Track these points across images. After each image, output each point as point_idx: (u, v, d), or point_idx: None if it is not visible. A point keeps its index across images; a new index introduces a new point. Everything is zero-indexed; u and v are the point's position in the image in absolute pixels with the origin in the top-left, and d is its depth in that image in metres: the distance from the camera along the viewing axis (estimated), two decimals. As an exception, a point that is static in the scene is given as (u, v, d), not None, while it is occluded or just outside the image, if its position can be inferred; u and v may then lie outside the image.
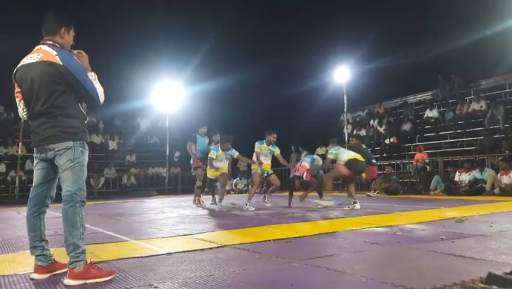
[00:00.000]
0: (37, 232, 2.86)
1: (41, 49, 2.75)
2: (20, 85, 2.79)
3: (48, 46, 2.75)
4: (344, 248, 3.55)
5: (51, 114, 2.70)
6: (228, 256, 3.33)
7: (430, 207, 6.98)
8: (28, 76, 2.71)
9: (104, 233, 4.88)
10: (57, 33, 2.82)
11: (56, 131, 2.71)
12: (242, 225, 5.31)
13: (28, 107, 2.79)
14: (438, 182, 10.71)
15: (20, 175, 14.20)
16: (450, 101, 15.49)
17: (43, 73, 2.67)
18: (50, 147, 2.72)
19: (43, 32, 2.86)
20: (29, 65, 2.72)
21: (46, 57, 2.68)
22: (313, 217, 5.94)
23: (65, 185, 2.77)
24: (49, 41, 2.79)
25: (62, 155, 2.72)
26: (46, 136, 2.72)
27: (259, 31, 21.42)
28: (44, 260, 2.83)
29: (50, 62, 2.66)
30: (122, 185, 15.97)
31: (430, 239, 3.81)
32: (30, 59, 2.73)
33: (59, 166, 2.76)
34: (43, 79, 2.67)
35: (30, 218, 2.88)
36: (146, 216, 6.96)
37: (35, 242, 2.83)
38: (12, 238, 4.72)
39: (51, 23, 2.84)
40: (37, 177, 2.89)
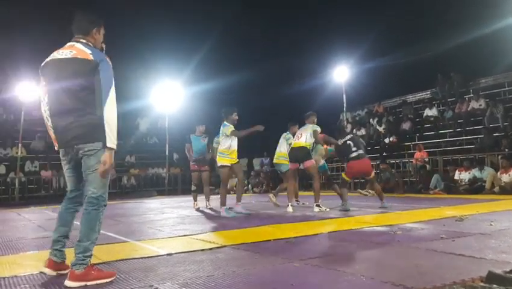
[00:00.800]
0: (66, 228, 2.86)
1: (74, 46, 2.73)
2: (48, 79, 2.72)
3: (82, 44, 2.74)
4: (344, 248, 3.55)
5: (81, 112, 2.62)
6: (228, 257, 3.33)
7: (430, 206, 6.98)
8: (58, 70, 2.66)
9: (104, 235, 4.86)
10: (89, 33, 2.83)
11: (86, 130, 2.62)
12: (242, 225, 5.31)
13: (53, 103, 2.69)
14: (437, 180, 10.71)
15: (20, 177, 14.20)
16: (449, 100, 15.50)
17: (75, 69, 2.63)
18: (80, 146, 2.64)
19: (73, 30, 2.84)
20: (61, 60, 2.68)
21: (79, 54, 2.66)
22: (313, 217, 5.94)
23: (92, 187, 2.68)
24: (82, 39, 2.79)
25: (92, 156, 2.65)
26: (75, 136, 2.63)
27: (258, 31, 21.42)
28: (60, 257, 2.84)
29: (83, 59, 2.64)
30: (122, 186, 15.98)
31: (430, 238, 3.81)
32: (62, 55, 2.69)
33: (86, 167, 2.67)
34: (74, 75, 2.62)
35: (64, 213, 2.89)
36: (146, 217, 6.97)
37: (59, 237, 2.83)
38: (12, 240, 4.71)
39: (82, 22, 2.83)
40: (70, 184, 2.87)
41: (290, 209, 6.84)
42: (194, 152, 8.00)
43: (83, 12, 2.87)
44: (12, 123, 16.61)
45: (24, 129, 14.61)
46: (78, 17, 2.84)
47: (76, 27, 2.83)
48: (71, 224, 2.90)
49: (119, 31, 18.48)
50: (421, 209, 6.61)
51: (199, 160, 8.00)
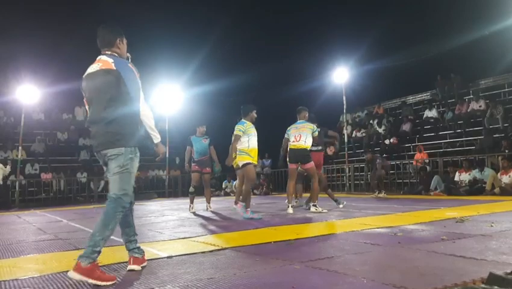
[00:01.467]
0: (131, 227, 3.07)
1: (101, 59, 2.95)
2: (85, 93, 2.97)
3: (107, 56, 2.96)
4: (345, 250, 3.55)
5: (105, 120, 2.84)
6: (229, 259, 3.32)
7: (431, 207, 6.98)
8: (89, 84, 2.91)
9: (104, 237, 4.87)
10: (114, 44, 3.03)
11: (108, 137, 2.85)
12: (242, 227, 5.31)
13: (90, 113, 2.95)
14: (438, 182, 10.70)
15: (20, 179, 14.20)
16: (449, 101, 15.51)
17: (101, 81, 2.84)
18: (103, 152, 2.89)
19: (99, 45, 3.05)
20: (91, 74, 2.91)
21: (104, 65, 2.88)
22: (313, 219, 5.93)
23: (113, 188, 2.87)
24: (108, 51, 2.99)
25: (113, 160, 2.86)
26: (100, 142, 2.89)
27: (258, 33, 21.47)
28: (140, 252, 3.05)
29: (106, 70, 2.85)
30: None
31: (431, 240, 3.81)
32: (92, 69, 2.92)
33: (108, 170, 2.91)
34: (100, 87, 2.84)
35: (124, 216, 2.99)
36: (146, 219, 6.96)
37: (131, 237, 3.04)
38: (12, 243, 4.71)
39: (106, 35, 3.03)
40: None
41: (290, 211, 6.80)
42: (195, 153, 7.85)
43: (106, 26, 3.07)
44: (12, 125, 16.64)
45: (24, 132, 14.61)
46: (101, 32, 3.04)
47: (101, 41, 3.04)
48: (133, 221, 3.13)
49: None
50: (421, 210, 6.61)
51: (201, 161, 7.84)
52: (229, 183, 15.66)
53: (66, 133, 17.65)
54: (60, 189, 15.17)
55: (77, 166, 16.20)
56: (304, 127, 7.05)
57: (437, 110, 15.35)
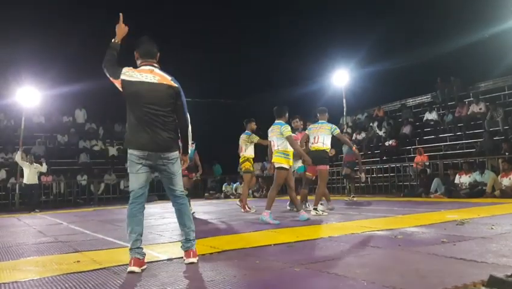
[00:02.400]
0: (141, 226, 3.20)
1: (154, 71, 3.26)
2: (132, 96, 3.19)
3: (159, 70, 3.30)
4: (345, 253, 3.54)
5: (169, 127, 3.22)
6: (229, 261, 3.32)
7: (431, 210, 6.97)
8: (146, 92, 3.17)
9: (105, 240, 4.87)
10: (155, 57, 3.36)
11: (172, 142, 3.25)
12: (242, 230, 5.31)
13: (141, 116, 3.16)
14: (438, 184, 10.69)
15: (20, 182, 14.19)
16: (449, 103, 15.51)
17: (162, 93, 3.20)
18: (166, 155, 3.21)
19: (140, 53, 3.32)
20: (148, 83, 3.19)
21: (163, 80, 3.23)
22: (314, 221, 5.92)
23: (178, 186, 3.32)
24: (155, 64, 3.32)
25: (175, 163, 3.27)
26: (164, 147, 3.19)
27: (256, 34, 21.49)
28: (141, 254, 3.13)
29: (169, 85, 3.23)
30: (122, 191, 15.96)
31: (431, 242, 3.80)
32: (147, 78, 3.20)
33: (170, 171, 3.26)
34: (163, 98, 3.20)
35: (138, 214, 3.20)
36: (147, 221, 6.93)
37: (138, 236, 3.15)
38: (12, 246, 4.71)
39: (151, 47, 3.35)
40: (142, 180, 3.22)
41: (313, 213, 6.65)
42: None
43: (150, 38, 3.37)
44: (13, 128, 16.63)
45: (24, 135, 14.62)
46: (146, 41, 3.34)
47: (146, 51, 3.32)
48: (143, 222, 3.26)
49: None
50: (422, 213, 6.60)
51: (190, 167, 7.72)
52: (229, 186, 15.66)
53: (66, 136, 17.64)
54: (60, 191, 15.16)
55: (77, 169, 16.19)
56: (322, 128, 7.00)
57: (437, 112, 15.34)
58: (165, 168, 3.24)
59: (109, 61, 3.27)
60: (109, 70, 3.25)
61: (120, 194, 15.73)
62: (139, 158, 3.18)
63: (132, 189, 3.22)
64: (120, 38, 3.36)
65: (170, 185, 3.30)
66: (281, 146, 6.03)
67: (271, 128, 6.25)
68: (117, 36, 3.35)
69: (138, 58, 3.36)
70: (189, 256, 3.25)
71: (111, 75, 3.25)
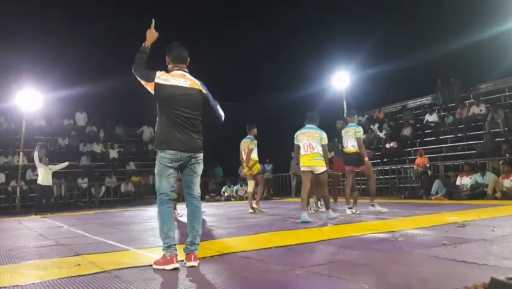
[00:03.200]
0: (174, 224, 3.38)
1: (186, 76, 3.41)
2: (166, 99, 3.31)
3: (190, 75, 3.44)
4: (346, 255, 3.54)
5: (197, 129, 3.39)
6: (230, 264, 3.32)
7: (432, 212, 6.96)
8: (179, 96, 3.30)
9: (105, 243, 4.87)
10: (186, 62, 3.50)
11: (201, 144, 3.41)
12: (243, 232, 5.31)
13: (173, 119, 3.29)
14: (439, 186, 10.68)
15: (21, 185, 14.20)
16: (449, 105, 15.51)
17: (194, 98, 3.36)
18: (196, 155, 3.37)
19: (172, 57, 3.46)
20: (181, 87, 3.33)
21: (195, 85, 3.39)
22: (314, 224, 5.92)
23: (196, 186, 3.43)
24: (186, 69, 3.47)
25: (201, 163, 3.43)
26: (195, 147, 3.35)
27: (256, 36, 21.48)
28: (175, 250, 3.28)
29: (199, 91, 3.40)
30: (123, 194, 15.97)
31: (432, 245, 3.80)
32: (179, 82, 3.34)
33: (195, 171, 3.40)
34: (194, 102, 3.35)
35: (171, 213, 3.37)
36: (147, 224, 6.95)
37: (174, 234, 3.33)
38: (13, 249, 4.71)
39: (182, 52, 3.48)
40: (172, 182, 3.36)
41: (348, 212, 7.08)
42: None
43: (182, 44, 3.50)
44: (13, 131, 16.64)
45: (25, 138, 14.63)
46: (178, 47, 3.47)
47: (177, 55, 3.46)
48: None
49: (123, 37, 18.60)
50: (422, 215, 6.59)
51: None
52: (229, 188, 15.66)
53: (67, 139, 17.65)
54: (61, 194, 15.16)
55: (78, 172, 16.19)
56: (348, 132, 7.41)
57: (438, 114, 15.34)
58: (191, 168, 3.38)
59: (139, 64, 3.36)
60: (141, 73, 3.33)
61: (120, 196, 15.74)
62: (171, 161, 3.29)
63: (163, 192, 3.33)
64: (150, 43, 3.48)
65: (191, 184, 3.41)
66: (320, 150, 6.44)
67: (306, 132, 6.51)
68: (147, 40, 3.47)
69: (169, 62, 3.48)
70: (190, 260, 3.26)
71: (143, 78, 3.32)
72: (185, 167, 3.37)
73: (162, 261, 3.21)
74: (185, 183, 3.43)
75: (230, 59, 21.10)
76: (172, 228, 3.30)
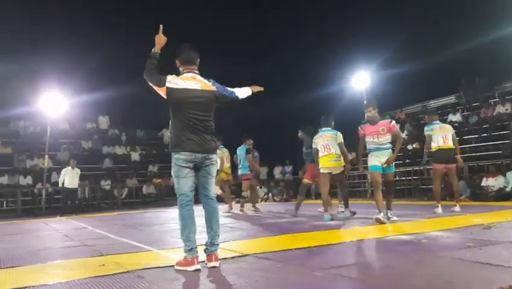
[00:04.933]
0: (196, 226, 3.41)
1: (196, 77, 3.43)
2: (178, 102, 3.33)
3: (200, 76, 3.46)
4: (367, 257, 3.51)
5: (210, 131, 3.42)
6: (250, 266, 3.33)
7: (456, 213, 6.82)
8: (190, 98, 3.32)
9: (128, 243, 4.95)
10: (196, 63, 3.51)
11: (214, 145, 3.45)
12: (263, 234, 5.31)
13: (186, 121, 3.31)
14: (463, 187, 10.46)
15: (46, 187, 14.56)
16: (473, 104, 15.17)
17: (206, 99, 3.37)
18: (210, 156, 3.39)
19: (181, 60, 3.48)
20: (191, 90, 3.35)
21: (206, 87, 3.41)
22: (334, 226, 5.88)
23: (211, 188, 3.47)
24: (196, 70, 3.48)
25: (215, 164, 3.46)
26: (208, 148, 3.37)
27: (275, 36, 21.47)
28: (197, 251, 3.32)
29: (211, 92, 3.41)
30: (144, 195, 16.19)
31: (457, 247, 3.72)
32: (190, 85, 3.36)
33: (209, 172, 3.42)
34: (205, 103, 3.37)
35: (193, 215, 3.40)
36: (168, 226, 7.03)
37: (195, 236, 3.38)
38: (40, 249, 4.83)
39: (191, 54, 3.50)
40: (190, 183, 3.40)
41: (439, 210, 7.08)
42: None
43: (191, 46, 3.53)
44: (38, 135, 17.08)
45: (50, 141, 15.01)
46: (187, 49, 3.50)
47: (186, 58, 3.48)
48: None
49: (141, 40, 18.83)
50: (446, 217, 6.47)
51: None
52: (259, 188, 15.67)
53: (90, 142, 18.03)
54: (85, 196, 15.47)
55: (101, 174, 16.52)
56: (445, 129, 7.76)
57: (461, 114, 15.03)
58: (206, 169, 3.40)
59: (150, 69, 3.41)
60: (153, 78, 3.38)
61: (142, 198, 15.97)
62: (186, 162, 3.32)
63: (182, 193, 3.36)
64: (159, 48, 3.52)
65: (206, 185, 3.44)
66: (338, 150, 6.65)
67: (323, 134, 6.82)
68: (156, 45, 3.50)
69: (179, 65, 3.52)
70: (211, 260, 3.29)
71: (155, 83, 3.37)
72: (200, 169, 3.40)
73: (184, 262, 3.25)
74: (200, 185, 3.46)
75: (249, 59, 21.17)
76: (193, 231, 3.33)
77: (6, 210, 13.83)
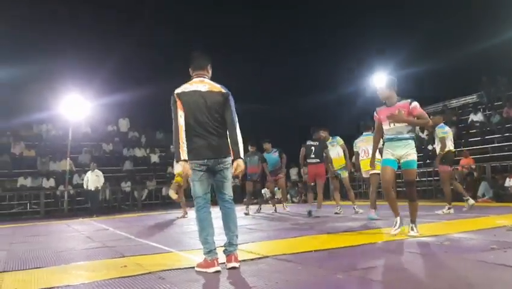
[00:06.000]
0: (213, 228, 3.43)
1: (204, 80, 3.46)
2: (187, 105, 3.34)
3: (208, 79, 3.51)
4: (389, 259, 3.47)
5: (221, 133, 3.39)
6: (271, 268, 3.33)
7: (479, 215, 6.69)
8: (197, 101, 3.34)
9: (149, 245, 5.01)
10: (205, 68, 3.55)
11: (226, 148, 3.41)
12: (282, 236, 5.30)
13: (196, 125, 3.33)
14: (486, 188, 10.24)
15: (68, 189, 14.86)
16: (496, 104, 14.84)
17: (214, 100, 3.36)
18: (223, 160, 3.38)
19: (192, 67, 3.54)
20: (199, 92, 3.37)
21: (213, 88, 3.42)
22: (354, 227, 5.83)
23: (227, 191, 3.45)
24: (206, 75, 3.52)
25: (229, 168, 3.43)
26: (221, 151, 3.37)
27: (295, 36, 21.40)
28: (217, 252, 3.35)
29: (218, 92, 3.41)
30: (164, 197, 16.35)
31: (480, 249, 3.66)
32: (197, 88, 3.39)
33: (223, 176, 3.41)
34: (213, 105, 3.35)
35: (209, 217, 3.40)
36: (187, 227, 7.09)
37: (213, 238, 3.38)
38: (63, 251, 4.94)
39: (201, 60, 3.56)
40: (205, 185, 3.42)
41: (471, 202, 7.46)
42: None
43: (202, 52, 3.60)
44: (60, 138, 17.45)
45: (71, 144, 15.31)
46: (196, 56, 3.56)
47: (197, 64, 3.53)
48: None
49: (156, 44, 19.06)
50: (469, 218, 6.35)
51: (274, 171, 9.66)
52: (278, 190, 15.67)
53: (111, 145, 18.33)
54: (106, 198, 15.73)
55: (121, 176, 16.76)
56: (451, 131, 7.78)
57: (483, 113, 14.72)
58: (221, 173, 3.41)
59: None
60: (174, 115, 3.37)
61: (161, 199, 16.13)
62: (200, 165, 3.35)
63: (198, 196, 3.39)
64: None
65: (222, 189, 3.44)
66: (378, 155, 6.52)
67: (364, 138, 7.23)
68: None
69: (191, 72, 3.57)
70: (231, 261, 3.32)
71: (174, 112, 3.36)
72: (215, 173, 3.41)
73: (204, 263, 3.28)
74: (216, 189, 3.47)
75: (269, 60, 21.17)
76: (210, 233, 3.35)
77: (30, 212, 14.16)
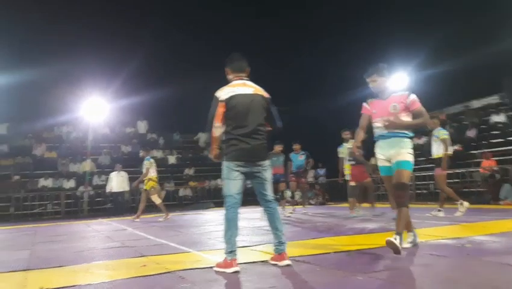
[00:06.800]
0: (238, 229, 3.42)
1: (246, 84, 3.53)
2: (233, 108, 3.38)
3: (250, 82, 3.56)
4: (409, 262, 3.42)
5: (262, 136, 3.45)
6: (289, 269, 3.31)
7: (501, 217, 6.55)
8: (241, 103, 3.39)
9: (167, 245, 5.05)
10: (245, 71, 3.62)
11: (265, 152, 3.49)
12: (300, 237, 5.28)
13: (239, 127, 3.37)
14: (508, 190, 10.02)
15: (88, 190, 15.09)
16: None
17: (259, 103, 3.46)
18: (261, 163, 3.43)
19: (231, 69, 3.60)
20: (245, 95, 3.43)
21: (258, 91, 3.51)
22: (373, 229, 5.77)
23: (268, 191, 3.49)
24: (245, 77, 3.58)
25: (267, 170, 3.48)
26: (260, 155, 3.42)
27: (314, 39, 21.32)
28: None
29: (263, 96, 3.51)
30: (181, 198, 16.46)
31: (503, 252, 3.58)
32: (240, 91, 3.44)
33: (263, 178, 3.45)
34: (258, 108, 3.43)
35: (236, 218, 3.40)
36: (205, 228, 7.12)
37: (236, 239, 3.38)
38: (84, 250, 5.01)
39: (242, 62, 3.62)
40: (238, 185, 3.42)
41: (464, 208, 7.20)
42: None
43: (241, 54, 3.65)
44: (80, 140, 17.75)
45: (91, 146, 15.56)
46: (236, 58, 3.62)
47: (237, 66, 3.59)
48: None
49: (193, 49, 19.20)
50: (491, 221, 6.22)
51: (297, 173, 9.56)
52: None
53: (129, 146, 18.56)
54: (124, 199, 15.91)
55: (139, 177, 16.91)
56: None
57: (506, 114, 14.39)
58: (259, 175, 3.44)
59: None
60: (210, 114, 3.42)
61: (178, 200, 16.25)
62: (237, 166, 3.38)
63: (230, 195, 3.39)
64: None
65: (262, 190, 3.47)
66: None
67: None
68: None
69: (229, 73, 3.61)
70: (283, 259, 3.39)
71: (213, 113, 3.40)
72: (254, 176, 3.44)
73: (223, 263, 3.29)
74: (257, 191, 3.50)
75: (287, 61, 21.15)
76: (235, 234, 3.35)
77: (50, 212, 14.43)
